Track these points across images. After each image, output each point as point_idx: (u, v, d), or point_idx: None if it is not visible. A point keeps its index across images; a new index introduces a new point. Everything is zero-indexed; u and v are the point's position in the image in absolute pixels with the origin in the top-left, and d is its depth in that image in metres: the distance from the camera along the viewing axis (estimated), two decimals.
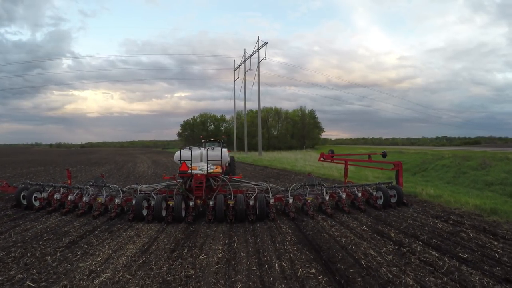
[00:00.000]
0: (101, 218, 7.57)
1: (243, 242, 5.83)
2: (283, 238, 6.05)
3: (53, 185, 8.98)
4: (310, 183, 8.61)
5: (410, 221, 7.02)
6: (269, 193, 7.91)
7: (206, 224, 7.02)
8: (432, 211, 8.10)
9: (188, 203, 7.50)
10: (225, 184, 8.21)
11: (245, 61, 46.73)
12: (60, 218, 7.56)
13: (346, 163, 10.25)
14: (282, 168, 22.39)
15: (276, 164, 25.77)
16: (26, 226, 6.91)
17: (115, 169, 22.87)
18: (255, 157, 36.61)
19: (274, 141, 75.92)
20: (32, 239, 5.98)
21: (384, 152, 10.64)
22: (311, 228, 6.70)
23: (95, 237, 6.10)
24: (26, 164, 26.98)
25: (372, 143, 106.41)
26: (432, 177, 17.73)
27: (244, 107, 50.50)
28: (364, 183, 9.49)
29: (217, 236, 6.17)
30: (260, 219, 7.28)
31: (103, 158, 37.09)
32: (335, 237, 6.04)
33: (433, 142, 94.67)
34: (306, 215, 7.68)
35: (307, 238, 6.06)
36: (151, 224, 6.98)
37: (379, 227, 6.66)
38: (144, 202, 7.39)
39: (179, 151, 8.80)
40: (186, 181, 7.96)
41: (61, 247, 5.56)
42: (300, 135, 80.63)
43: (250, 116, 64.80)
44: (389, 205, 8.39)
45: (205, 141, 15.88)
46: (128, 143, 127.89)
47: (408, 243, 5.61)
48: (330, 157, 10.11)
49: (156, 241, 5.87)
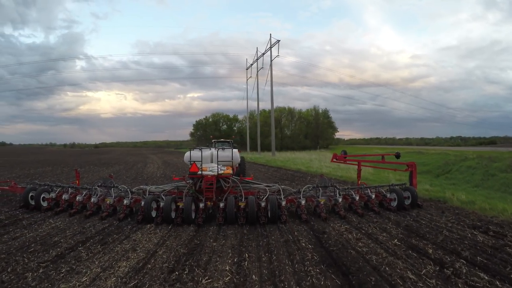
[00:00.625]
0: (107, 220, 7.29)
1: (255, 260, 4.91)
2: (303, 255, 5.11)
3: (62, 186, 8.79)
4: (323, 185, 8.31)
5: (446, 233, 6.17)
6: (281, 195, 7.69)
7: (213, 235, 6.17)
8: (467, 220, 7.28)
9: (198, 205, 7.26)
10: (236, 185, 8.02)
11: (257, 60, 46.05)
12: (54, 225, 6.89)
13: (359, 164, 9.87)
14: (297, 169, 21.40)
15: (290, 165, 24.80)
16: (15, 234, 6.25)
17: (124, 169, 22.38)
18: (269, 158, 35.63)
19: (288, 141, 75.07)
20: (18, 250, 5.31)
21: (398, 153, 10.25)
22: (334, 241, 5.74)
23: (85, 250, 5.32)
24: (34, 164, 26.99)
25: (385, 143, 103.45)
26: (457, 179, 16.43)
27: (257, 106, 49.61)
28: (378, 185, 9.14)
29: (225, 252, 5.26)
30: (272, 221, 7.00)
31: (113, 159, 36.73)
32: (363, 254, 5.08)
33: (447, 142, 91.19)
34: (319, 217, 7.39)
35: (331, 256, 5.09)
36: (151, 235, 6.19)
37: (412, 241, 5.73)
38: (153, 203, 7.25)
39: (189, 152, 8.50)
40: (196, 182, 7.78)
41: (46, 261, 4.83)
42: (314, 135, 79.47)
43: (263, 116, 64.12)
44: (403, 207, 8.15)
45: (215, 141, 15.71)
46: (141, 143, 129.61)
47: (450, 262, 4.74)
48: (343, 158, 9.84)
49: (153, 257, 5.02)
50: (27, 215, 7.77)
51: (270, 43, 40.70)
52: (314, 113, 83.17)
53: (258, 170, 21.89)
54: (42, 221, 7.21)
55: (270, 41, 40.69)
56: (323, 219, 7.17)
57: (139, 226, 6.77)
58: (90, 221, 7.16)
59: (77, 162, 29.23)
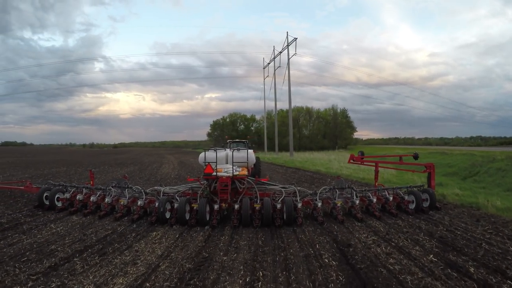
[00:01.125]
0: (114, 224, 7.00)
1: (270, 280, 4.19)
2: (326, 274, 4.36)
3: (76, 186, 8.79)
4: (339, 186, 8.19)
5: (486, 246, 5.43)
6: (297, 197, 7.51)
7: (224, 247, 5.50)
8: (506, 230, 6.51)
9: (212, 206, 7.17)
10: (251, 186, 7.91)
11: (274, 59, 45.01)
12: (54, 230, 6.46)
13: (376, 165, 9.62)
14: (316, 171, 20.42)
15: (308, 166, 23.77)
16: (13, 239, 5.85)
17: (139, 170, 21.89)
18: (286, 158, 34.44)
19: (306, 141, 73.55)
20: (12, 258, 4.89)
21: (416, 153, 9.98)
22: (361, 257, 4.95)
23: (81, 261, 4.78)
24: (49, 164, 27.03)
25: (404, 143, 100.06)
26: (487, 182, 15.02)
27: (275, 105, 48.07)
28: (396, 187, 8.88)
29: (236, 268, 4.57)
30: (288, 224, 6.83)
31: (130, 159, 36.44)
32: (396, 274, 4.31)
33: (467, 142, 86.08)
34: (335, 219, 7.22)
35: (358, 276, 4.31)
36: (155, 244, 5.60)
37: (450, 256, 4.97)
38: (168, 205, 7.18)
39: (203, 153, 8.48)
40: (211, 183, 7.65)
41: (38, 273, 4.34)
42: (332, 135, 77.48)
43: (280, 115, 62.54)
44: (421, 210, 7.98)
45: (230, 141, 15.47)
46: (160, 143, 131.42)
47: (496, 283, 4.05)
48: (359, 159, 9.50)
49: (154, 272, 4.40)
50: (29, 218, 7.44)
51: (287, 41, 39.57)
52: (332, 113, 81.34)
53: (275, 171, 21.02)
54: (44, 225, 6.84)
55: (287, 39, 39.59)
56: (340, 222, 7.00)
57: (143, 234, 6.22)
58: (93, 227, 6.70)
59: (93, 162, 29.37)
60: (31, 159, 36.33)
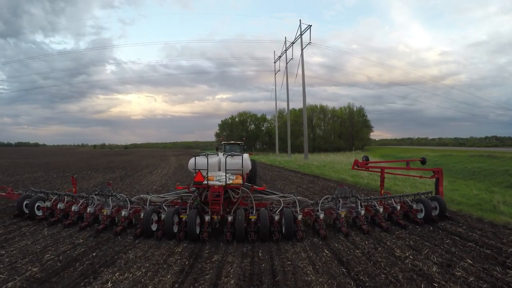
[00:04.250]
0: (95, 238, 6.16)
1: None
2: None
3: (58, 193, 8.15)
4: (343, 195, 7.47)
5: None
6: (297, 207, 6.91)
7: (212, 279, 4.59)
8: None
9: (203, 218, 6.52)
10: (246, 195, 7.21)
11: (286, 51, 41.29)
12: (28, 245, 5.77)
13: (382, 172, 8.94)
14: (340, 179, 15.92)
15: (329, 172, 19.37)
16: None
17: (121, 177, 18.13)
18: (301, 162, 29.64)
19: (320, 141, 69.41)
20: None
21: (424, 158, 9.37)
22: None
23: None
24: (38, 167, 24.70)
25: (418, 144, 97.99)
26: None
27: (287, 99, 42.85)
28: (403, 194, 8.30)
29: None
30: (287, 237, 6.21)
31: (126, 162, 32.96)
32: None
33: (483, 142, 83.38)
34: (339, 231, 6.63)
35: None
36: (127, 274, 4.67)
37: None
38: (154, 216, 6.60)
39: (193, 158, 7.73)
40: (202, 192, 6.98)
41: None
42: (349, 135, 72.58)
43: (292, 114, 58.86)
44: (431, 219, 7.38)
45: (224, 143, 14.80)
46: (171, 144, 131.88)
47: None
48: (364, 165, 8.86)
49: None
50: (2, 230, 6.78)
51: (300, 29, 35.33)
52: (348, 111, 75.94)
53: (288, 179, 17.18)
54: (20, 237, 6.26)
55: (300, 27, 35.33)
56: (345, 234, 6.42)
57: (115, 258, 5.28)
58: (62, 244, 5.90)
59: (85, 165, 26.92)
60: (24, 160, 34.07)
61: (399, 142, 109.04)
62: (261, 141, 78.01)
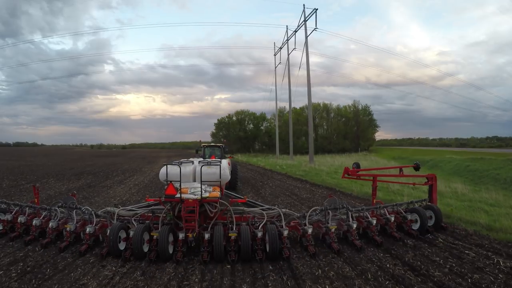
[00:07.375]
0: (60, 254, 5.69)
1: None
2: None
3: (19, 205, 7.37)
4: (332, 207, 6.83)
5: None
6: (282, 221, 6.27)
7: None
8: None
9: (177, 235, 5.80)
10: (225, 209, 6.53)
11: (288, 40, 37.15)
12: None
13: (374, 180, 8.31)
14: (365, 194, 11.73)
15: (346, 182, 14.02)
16: None
17: (89, 185, 15.44)
18: (306, 167, 24.80)
19: (323, 142, 64.76)
20: None
21: (417, 163, 8.89)
22: None
23: None
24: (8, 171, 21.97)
25: (418, 144, 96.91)
26: None
27: (289, 95, 38.71)
28: (396, 203, 7.73)
29: None
30: (272, 258, 5.52)
31: (108, 165, 29.43)
32: None
33: (484, 142, 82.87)
34: (329, 247, 6.03)
35: None
36: None
37: None
38: (122, 233, 5.90)
39: (164, 167, 6.88)
40: (175, 206, 6.27)
41: None
42: (354, 135, 68.28)
43: (293, 113, 54.13)
44: (426, 231, 6.92)
45: (204, 146, 14.00)
46: (170, 144, 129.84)
47: None
48: (355, 173, 8.20)
49: None
50: None
51: (304, 15, 30.82)
52: (353, 110, 70.55)
53: (295, 194, 12.93)
54: None
55: (303, 12, 30.87)
56: (336, 251, 5.81)
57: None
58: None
59: (53, 170, 23.16)
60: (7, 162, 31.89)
61: (400, 143, 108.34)
62: (260, 142, 75.20)
